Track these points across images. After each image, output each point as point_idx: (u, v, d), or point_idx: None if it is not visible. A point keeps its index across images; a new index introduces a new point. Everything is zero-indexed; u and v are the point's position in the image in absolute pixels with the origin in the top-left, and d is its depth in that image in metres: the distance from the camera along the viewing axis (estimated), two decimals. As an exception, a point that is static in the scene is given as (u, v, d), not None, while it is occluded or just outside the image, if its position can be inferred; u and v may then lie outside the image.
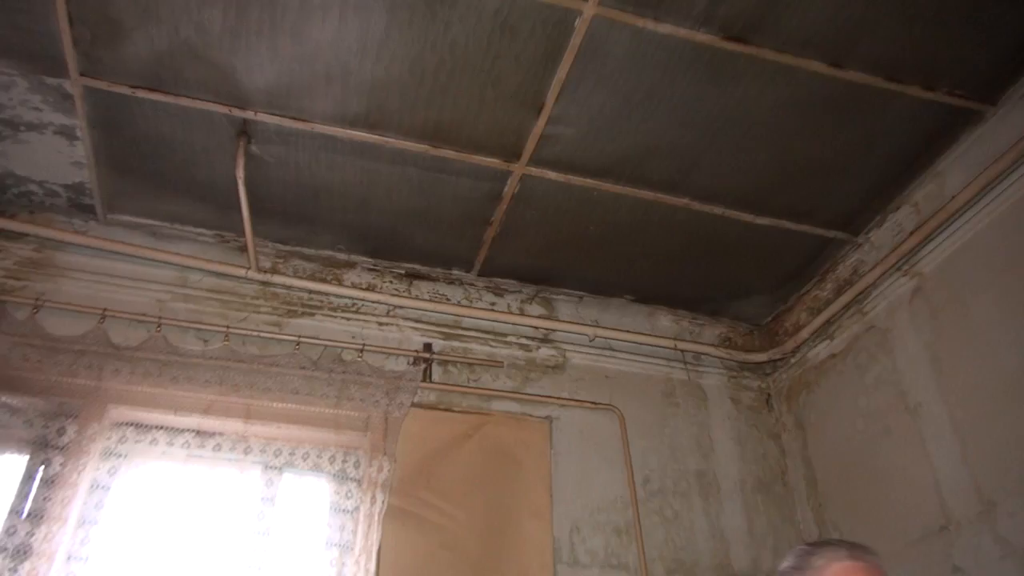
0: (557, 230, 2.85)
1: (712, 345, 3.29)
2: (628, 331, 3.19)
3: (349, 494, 2.54)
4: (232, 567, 2.32)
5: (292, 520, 2.50)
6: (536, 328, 3.12)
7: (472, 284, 3.14)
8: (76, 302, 2.62)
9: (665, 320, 3.33)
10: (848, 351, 2.90)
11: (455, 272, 3.10)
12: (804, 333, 3.07)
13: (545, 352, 3.10)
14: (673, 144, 2.48)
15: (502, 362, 3.00)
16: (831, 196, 2.69)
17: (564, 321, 3.16)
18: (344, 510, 2.50)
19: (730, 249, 2.94)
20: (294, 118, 2.37)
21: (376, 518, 2.42)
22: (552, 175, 2.60)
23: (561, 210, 2.75)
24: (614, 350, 3.17)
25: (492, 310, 3.10)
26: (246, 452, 2.54)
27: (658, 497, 2.88)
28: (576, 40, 2.13)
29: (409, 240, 2.92)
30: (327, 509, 2.51)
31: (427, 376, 2.85)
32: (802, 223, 2.81)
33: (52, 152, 2.51)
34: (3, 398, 2.38)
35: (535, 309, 3.18)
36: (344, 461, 2.60)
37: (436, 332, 3.00)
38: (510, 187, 2.65)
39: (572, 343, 3.14)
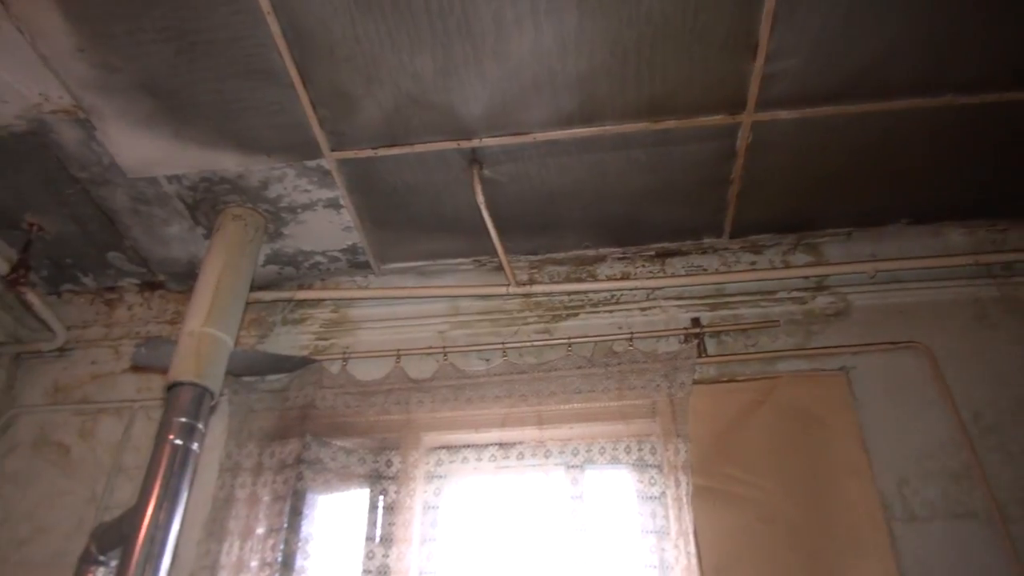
0: (804, 170, 2.65)
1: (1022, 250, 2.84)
2: (915, 257, 2.86)
3: (652, 481, 2.56)
4: (555, 563, 2.44)
5: (603, 513, 2.57)
6: (807, 278, 2.91)
7: (726, 248, 3.02)
8: (374, 348, 2.94)
9: (956, 235, 2.93)
10: None
11: (706, 240, 3.00)
12: None
13: (823, 300, 2.88)
14: (917, 39, 2.19)
15: (778, 320, 2.84)
16: None
17: (836, 263, 2.91)
18: (651, 497, 2.52)
19: (1018, 136, 2.52)
20: (515, 134, 2.46)
21: (684, 500, 2.40)
22: (784, 114, 2.42)
23: (803, 148, 2.55)
24: (902, 282, 2.86)
25: (753, 270, 2.95)
26: (547, 456, 2.67)
27: (995, 433, 2.54)
28: (777, -36, 1.97)
29: (651, 221, 2.88)
30: (635, 498, 2.55)
31: (702, 351, 2.79)
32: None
33: (325, 224, 2.85)
34: (337, 442, 2.74)
35: (800, 258, 2.97)
36: (640, 450, 2.63)
37: (701, 305, 2.93)
38: (742, 139, 2.51)
39: (851, 284, 2.88)
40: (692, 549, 2.33)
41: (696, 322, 2.88)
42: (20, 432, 3.04)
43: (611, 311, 2.96)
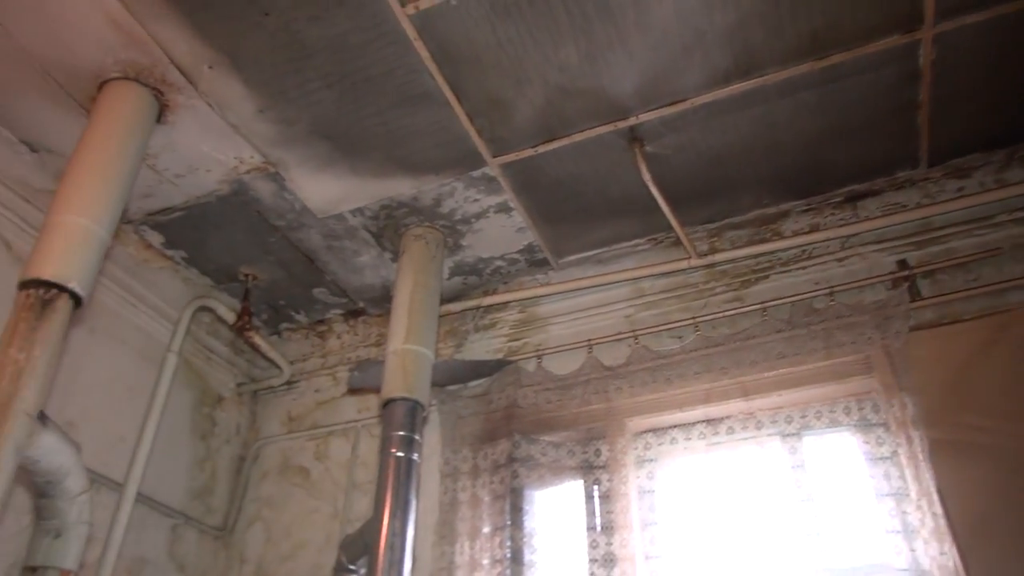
0: (1002, 76, 2.34)
1: None
2: None
3: (880, 440, 2.38)
4: (784, 536, 2.34)
5: (828, 480, 2.43)
6: (1029, 194, 2.58)
7: (925, 179, 2.74)
8: (566, 342, 2.98)
9: None
10: None
11: (900, 174, 2.74)
12: None
13: (1053, 216, 2.54)
14: None
15: (1000, 247, 2.53)
16: None
17: (1063, 172, 2.56)
18: (881, 458, 2.35)
19: None
20: (672, 103, 2.39)
21: (921, 458, 2.21)
22: (971, 18, 2.16)
23: (998, 52, 2.26)
24: None
25: (962, 196, 2.65)
26: (758, 427, 2.57)
27: None
28: None
29: (832, 165, 2.69)
30: (863, 461, 2.38)
31: (915, 294, 2.55)
32: None
33: (498, 228, 2.93)
34: (544, 438, 2.81)
35: (1017, 174, 2.62)
36: (860, 409, 2.46)
37: (905, 245, 2.68)
38: (924, 57, 2.27)
39: (1085, 193, 2.52)
40: (938, 510, 2.13)
41: (903, 264, 2.64)
42: (267, 460, 3.40)
43: (804, 267, 2.79)
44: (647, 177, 2.58)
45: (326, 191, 2.75)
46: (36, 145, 2.59)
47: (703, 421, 2.65)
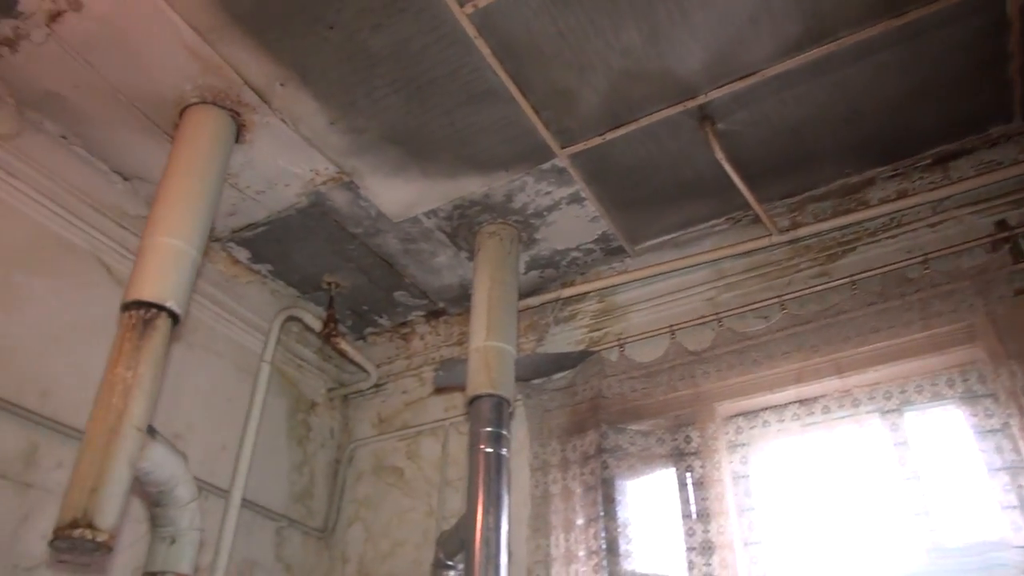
0: (1107, 13, 2.19)
1: None
2: None
3: (988, 412, 2.26)
4: (891, 516, 2.25)
5: (935, 457, 2.32)
6: None
7: (1021, 133, 2.57)
8: (647, 329, 2.94)
9: None
10: None
11: (993, 130, 2.58)
12: None
13: None
14: None
15: (1111, 199, 2.37)
16: None
17: None
18: (990, 430, 2.24)
19: None
20: (741, 77, 2.33)
21: (1036, 428, 2.09)
22: (1064, -44, 2.02)
23: (1100, -13, 2.11)
24: None
25: (1065, 148, 2.49)
26: (855, 405, 2.49)
27: None
28: None
29: (917, 126, 2.56)
30: (971, 435, 2.27)
31: (1018, 255, 2.40)
32: None
33: (572, 219, 2.91)
34: (632, 427, 2.78)
35: None
36: (965, 380, 2.35)
37: (1003, 204, 2.52)
38: (1012, 4, 2.14)
39: None
40: (1059, 482, 2.01)
41: (1002, 225, 2.49)
42: (361, 462, 3.49)
43: (894, 236, 2.66)
44: (720, 155, 2.52)
45: (399, 195, 2.79)
46: (127, 173, 2.74)
47: (796, 402, 2.58)
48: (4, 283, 2.40)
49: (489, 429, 2.45)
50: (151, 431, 2.00)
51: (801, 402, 2.57)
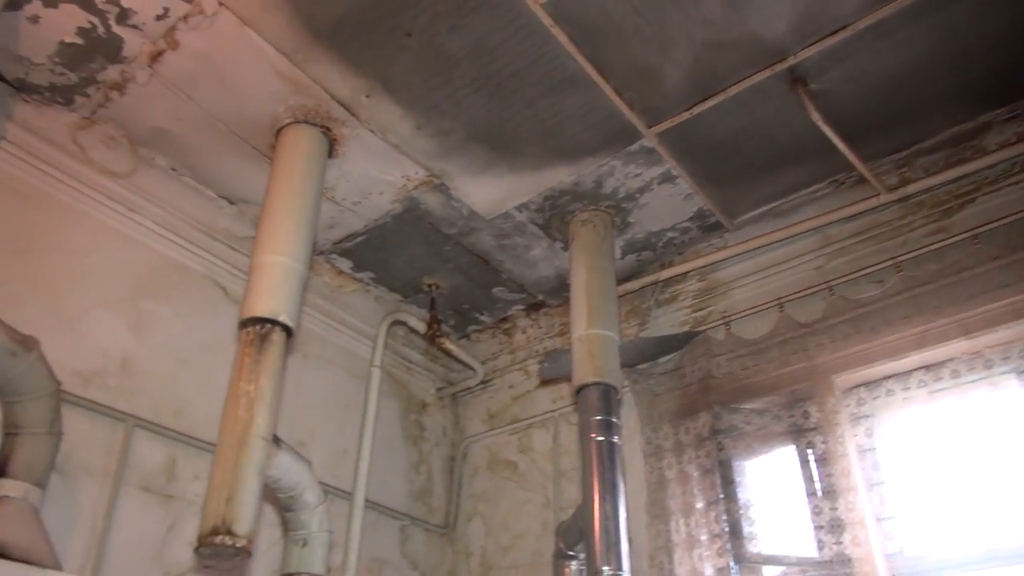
0: None
1: None
2: None
3: None
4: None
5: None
6: None
7: None
8: (753, 304, 2.86)
9: None
10: None
11: (1123, 56, 2.36)
12: None
13: None
14: None
15: None
16: None
17: None
18: None
19: None
20: (832, 33, 2.22)
21: None
22: None
23: None
24: None
25: None
26: (987, 367, 2.33)
27: None
28: None
29: (1037, 61, 2.37)
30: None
31: None
32: None
33: (665, 199, 2.86)
34: (746, 405, 2.70)
35: None
36: (1112, 331, 2.16)
37: None
38: None
39: None
40: None
41: None
42: (475, 458, 3.56)
43: (1017, 183, 2.47)
44: (816, 117, 2.41)
45: (490, 193, 2.82)
46: (233, 198, 2.88)
47: (921, 368, 2.44)
48: (133, 310, 2.58)
49: (599, 417, 2.44)
50: (276, 440, 2.10)
51: (927, 368, 2.43)
